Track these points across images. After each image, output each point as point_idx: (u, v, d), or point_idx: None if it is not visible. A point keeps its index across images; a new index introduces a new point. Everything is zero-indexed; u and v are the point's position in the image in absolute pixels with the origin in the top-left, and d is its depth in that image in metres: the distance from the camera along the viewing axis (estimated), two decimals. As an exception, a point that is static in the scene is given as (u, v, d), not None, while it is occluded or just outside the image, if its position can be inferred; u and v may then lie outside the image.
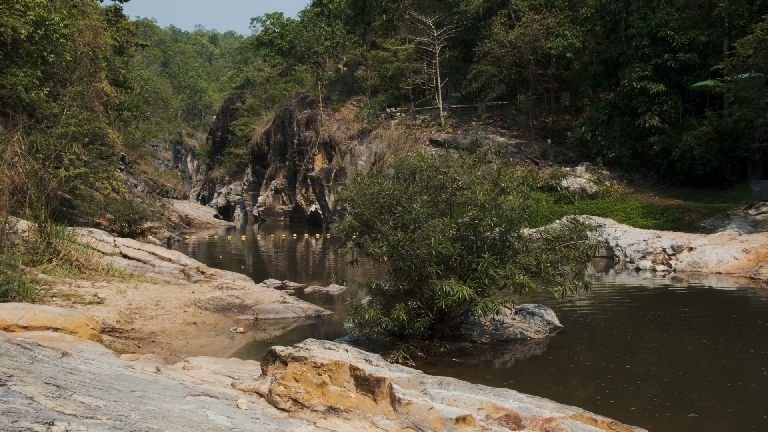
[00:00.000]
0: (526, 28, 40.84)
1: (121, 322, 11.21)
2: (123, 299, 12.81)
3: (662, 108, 35.40)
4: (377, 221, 9.56)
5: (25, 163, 15.07)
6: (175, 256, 18.67)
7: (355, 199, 10.09)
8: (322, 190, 49.62)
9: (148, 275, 16.80)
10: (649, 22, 35.40)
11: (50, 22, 26.63)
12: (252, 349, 10.79)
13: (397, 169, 10.94)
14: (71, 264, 15.59)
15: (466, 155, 11.22)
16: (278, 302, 13.65)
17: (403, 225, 9.57)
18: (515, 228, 9.83)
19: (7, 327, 7.41)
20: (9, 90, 24.03)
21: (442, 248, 9.10)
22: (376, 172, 11.38)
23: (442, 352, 10.33)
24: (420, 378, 5.84)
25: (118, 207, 26.51)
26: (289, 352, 6.18)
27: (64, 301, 12.01)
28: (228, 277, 17.26)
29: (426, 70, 47.05)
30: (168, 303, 12.93)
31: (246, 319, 13.12)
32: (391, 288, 9.73)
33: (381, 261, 9.68)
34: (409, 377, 5.86)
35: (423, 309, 10.09)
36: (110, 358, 6.48)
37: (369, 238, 9.57)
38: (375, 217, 9.58)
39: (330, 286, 17.72)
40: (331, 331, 12.68)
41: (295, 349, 6.25)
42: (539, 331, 11.60)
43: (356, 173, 11.07)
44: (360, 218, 9.81)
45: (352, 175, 11.53)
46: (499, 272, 9.28)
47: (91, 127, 25.24)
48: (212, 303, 13.12)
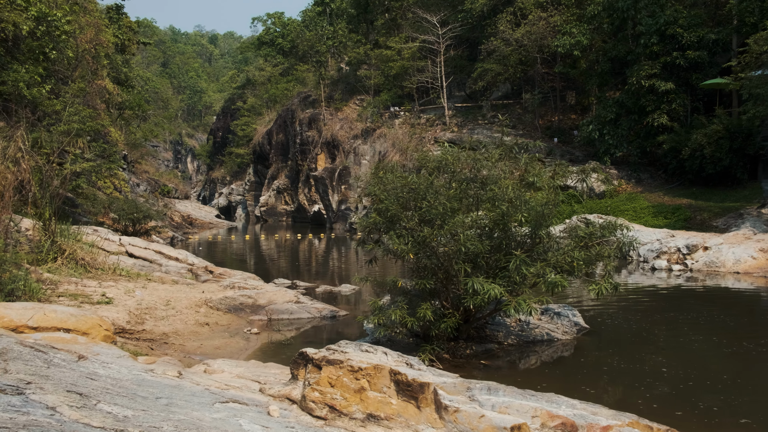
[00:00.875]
0: (532, 25, 40.43)
1: (131, 322, 10.75)
2: (132, 299, 12.35)
3: (671, 106, 34.99)
4: (402, 217, 9.11)
5: (29, 159, 14.60)
6: (182, 256, 18.21)
7: (378, 194, 9.63)
8: (326, 189, 49.16)
9: (155, 275, 16.35)
10: (658, 20, 34.99)
11: (52, 18, 26.17)
12: (269, 351, 10.34)
13: (421, 162, 10.48)
14: (77, 263, 15.13)
15: (492, 149, 10.76)
16: (292, 302, 13.19)
17: (429, 221, 9.12)
18: (546, 224, 9.39)
19: (16, 328, 6.95)
20: (10, 86, 23.56)
21: (470, 245, 8.66)
22: (397, 166, 10.89)
23: (469, 354, 9.88)
24: (466, 383, 5.39)
25: (122, 206, 26.05)
26: (322, 355, 5.73)
27: (71, 301, 11.56)
28: (237, 277, 16.79)
29: (430, 69, 46.59)
30: (178, 303, 12.47)
31: (259, 319, 12.66)
32: (416, 287, 9.28)
33: (406, 259, 9.23)
34: (455, 382, 5.41)
35: (449, 309, 9.64)
36: (128, 361, 6.03)
37: (394, 234, 9.11)
38: (400, 212, 9.12)
39: (342, 286, 17.26)
40: (348, 332, 12.22)
41: (329, 351, 5.80)
42: (566, 332, 11.16)
43: (378, 168, 10.59)
44: (384, 214, 9.36)
45: (372, 171, 11.09)
46: (531, 270, 8.83)
47: (93, 124, 24.78)
48: (224, 303, 12.66)
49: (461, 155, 10.14)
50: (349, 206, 47.62)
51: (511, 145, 11.02)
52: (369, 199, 10.35)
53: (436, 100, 49.19)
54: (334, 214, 48.63)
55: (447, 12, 47.09)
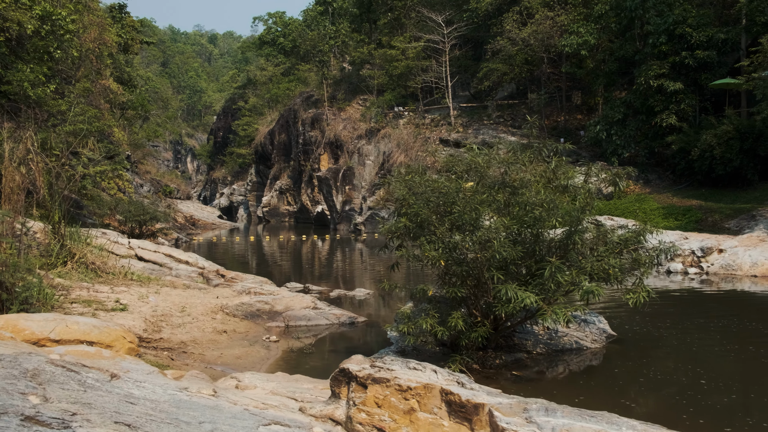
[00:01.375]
0: (539, 25, 40.13)
1: (148, 331, 10.43)
2: (146, 305, 12.03)
3: (680, 106, 34.68)
4: (433, 222, 8.79)
5: (39, 161, 14.26)
6: (192, 259, 17.88)
7: (407, 199, 9.30)
8: (330, 190, 48.83)
9: (166, 278, 16.03)
10: (667, 19, 34.69)
11: (57, 17, 25.81)
12: (292, 361, 10.02)
13: (449, 166, 10.16)
14: (87, 267, 14.80)
15: (521, 151, 10.43)
16: (309, 308, 12.87)
17: (460, 226, 8.80)
18: (581, 230, 9.07)
19: (37, 341, 6.63)
20: (15, 86, 23.21)
21: (504, 251, 8.34)
22: (422, 168, 10.55)
23: (498, 364, 9.57)
24: (523, 404, 5.07)
25: (128, 208, 25.71)
26: (368, 373, 5.41)
27: (84, 308, 11.23)
28: (249, 281, 16.46)
29: (435, 69, 46.26)
30: (194, 309, 12.15)
31: (277, 326, 12.34)
32: (446, 294, 8.95)
33: (432, 265, 8.90)
34: (510, 402, 5.09)
35: (478, 317, 9.33)
36: (159, 378, 5.70)
37: (425, 240, 8.78)
38: (430, 218, 8.80)
39: (356, 290, 16.93)
40: (369, 339, 11.91)
41: (375, 369, 5.48)
42: (595, 340, 10.84)
43: (407, 171, 10.25)
44: (414, 219, 9.03)
45: (395, 173, 10.74)
46: (565, 278, 8.51)
47: (99, 124, 24.43)
48: (241, 309, 12.34)
49: (492, 158, 9.82)
50: (353, 207, 47.29)
51: (540, 147, 10.69)
52: (394, 202, 10.00)
53: (440, 100, 48.87)
54: (338, 215, 48.31)
55: (452, 11, 46.78)
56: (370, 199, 45.30)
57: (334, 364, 9.65)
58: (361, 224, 44.59)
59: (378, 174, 45.96)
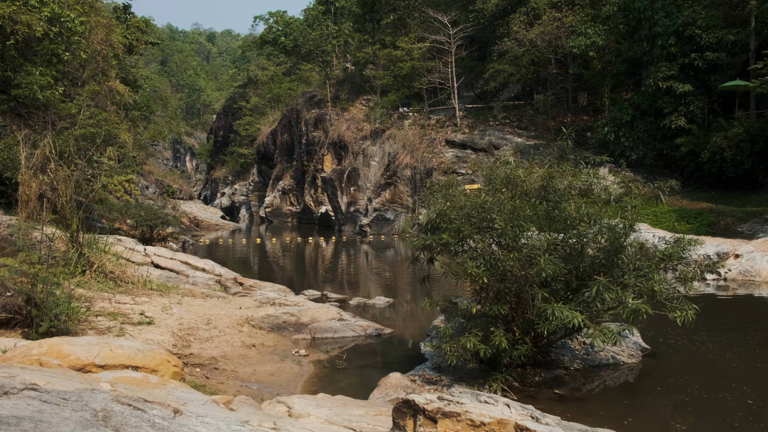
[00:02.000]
0: (546, 26, 39.95)
1: (177, 346, 10.23)
2: (171, 318, 11.82)
3: (689, 108, 34.54)
4: (476, 239, 8.60)
5: (57, 167, 14.04)
6: (209, 266, 17.67)
7: (447, 213, 9.10)
8: (335, 191, 48.59)
9: (183, 287, 15.82)
10: (676, 21, 34.53)
11: (65, 19, 25.56)
12: (326, 378, 9.82)
13: (487, 178, 9.94)
14: (106, 276, 14.59)
15: (561, 162, 10.22)
16: (335, 320, 12.68)
17: (504, 243, 8.61)
18: (625, 246, 8.89)
19: (83, 367, 6.43)
20: (25, 90, 22.96)
21: (549, 269, 8.16)
22: (455, 182, 10.36)
23: (538, 382, 9.39)
24: (602, 440, 4.89)
25: (139, 212, 25.46)
26: (437, 407, 5.22)
27: (110, 321, 11.03)
28: (268, 289, 16.27)
29: (441, 69, 46.04)
30: (219, 321, 11.95)
31: (303, 338, 12.15)
32: (488, 312, 8.75)
33: (479, 282, 8.70)
34: (589, 439, 4.91)
35: (518, 334, 9.15)
36: (217, 410, 5.51)
37: (467, 256, 8.59)
38: (473, 234, 8.61)
39: (376, 299, 16.74)
40: (398, 353, 11.73)
41: (444, 402, 5.29)
42: (631, 354, 10.67)
43: (446, 183, 10.03)
44: (456, 235, 8.84)
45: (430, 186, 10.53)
46: (611, 295, 8.34)
47: (110, 127, 24.19)
48: (267, 321, 12.14)
49: (534, 171, 9.62)
50: (358, 208, 47.08)
51: (576, 159, 10.49)
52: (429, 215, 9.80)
53: (445, 101, 48.68)
54: (342, 216, 48.09)
55: (457, 12, 46.56)
56: (375, 200, 45.09)
57: (370, 381, 9.47)
58: (366, 226, 44.38)
59: (384, 175, 45.77)
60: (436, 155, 43.28)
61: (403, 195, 43.80)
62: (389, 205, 44.14)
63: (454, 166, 42.08)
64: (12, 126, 23.12)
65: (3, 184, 21.85)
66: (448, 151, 43.50)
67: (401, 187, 43.73)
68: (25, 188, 15.65)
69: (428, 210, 10.01)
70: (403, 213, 43.86)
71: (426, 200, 10.03)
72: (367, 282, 22.02)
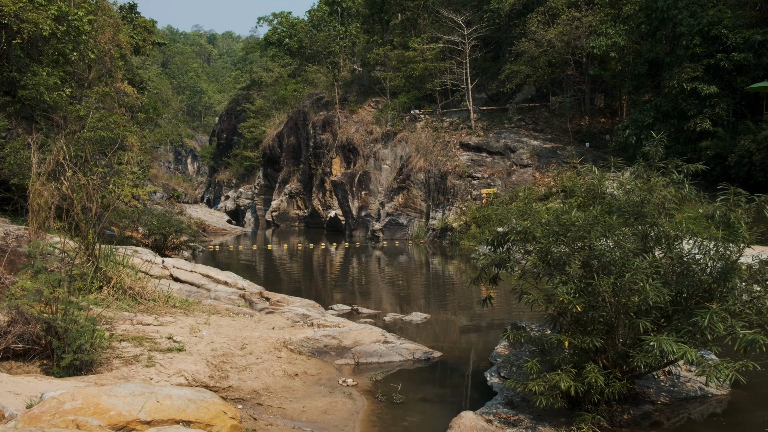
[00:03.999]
0: (565, 26, 38.88)
1: (214, 378, 9.10)
2: (201, 341, 10.69)
3: (714, 111, 33.46)
4: (568, 261, 7.47)
5: (73, 176, 12.92)
6: (231, 279, 16.55)
7: (531, 230, 7.97)
8: (345, 195, 47.44)
9: (206, 302, 14.69)
10: (701, 20, 33.48)
11: (73, 18, 24.46)
12: (385, 417, 8.68)
13: (569, 192, 8.80)
14: (125, 293, 13.46)
15: (647, 173, 9.09)
16: (380, 342, 11.54)
17: (600, 266, 7.48)
18: (737, 268, 7.78)
19: (126, 425, 5.31)
20: (32, 91, 21.86)
21: (655, 295, 7.05)
22: (526, 190, 9.25)
23: (628, 420, 8.26)
24: None
25: (151, 220, 24.30)
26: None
27: (136, 347, 9.90)
28: (296, 304, 15.14)
29: (456, 71, 44.92)
30: (255, 346, 10.81)
31: (346, 363, 11.02)
32: (581, 344, 7.61)
33: (572, 311, 7.56)
34: None
35: (609, 368, 8.02)
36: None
37: (560, 282, 7.45)
38: (566, 256, 7.49)
39: (412, 315, 15.59)
40: (459, 382, 10.58)
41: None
42: (720, 385, 9.54)
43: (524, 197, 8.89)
44: (544, 257, 7.74)
45: (491, 200, 9.43)
46: (724, 325, 7.23)
47: (120, 131, 23.09)
48: (306, 345, 11.00)
49: (632, 184, 8.48)
50: (369, 213, 45.94)
51: (669, 170, 9.37)
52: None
53: (458, 103, 47.58)
54: (353, 221, 46.94)
55: (470, 12, 45.47)
56: (388, 204, 43.95)
57: (437, 421, 8.35)
58: (379, 231, 43.24)
59: (396, 179, 44.64)
60: (451, 158, 42.17)
61: (417, 199, 42.69)
62: (402, 210, 43.01)
63: (469, 170, 40.99)
64: (18, 129, 22.01)
65: (9, 190, 20.75)
66: (463, 154, 42.40)
67: (415, 191, 42.62)
68: (35, 197, 14.56)
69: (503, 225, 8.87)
70: (416, 218, 42.75)
71: (502, 216, 8.88)
72: (395, 294, 20.86)
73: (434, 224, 40.73)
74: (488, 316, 15.52)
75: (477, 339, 13.63)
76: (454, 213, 39.89)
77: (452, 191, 40.44)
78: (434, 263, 31.51)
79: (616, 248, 7.37)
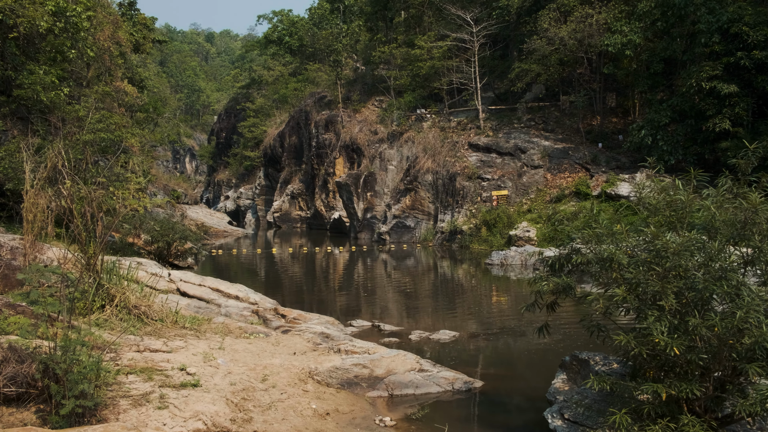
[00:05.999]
0: (578, 23, 37.71)
1: (236, 421, 7.93)
2: (217, 372, 9.52)
3: (734, 110, 32.34)
4: (665, 294, 6.30)
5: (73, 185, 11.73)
6: (242, 293, 15.37)
7: (617, 259, 6.79)
8: (350, 197, 46.23)
9: (216, 320, 13.52)
10: (720, 17, 32.36)
11: (71, 14, 23.23)
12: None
13: (650, 210, 7.57)
14: (129, 312, 12.28)
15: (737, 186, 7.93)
16: (415, 371, 10.38)
17: (697, 298, 6.34)
18: None
19: None
20: (28, 90, 20.63)
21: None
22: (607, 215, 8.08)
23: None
24: None
25: (154, 226, 23.05)
26: None
27: (145, 383, 8.73)
28: (314, 321, 13.98)
29: (464, 69, 43.72)
30: (277, 377, 9.65)
31: (379, 396, 9.86)
32: (678, 394, 6.45)
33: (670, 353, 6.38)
34: None
35: (702, 415, 6.87)
36: None
37: (652, 318, 6.29)
38: (664, 288, 6.32)
39: (440, 333, 14.40)
40: (509, 420, 9.42)
41: None
42: (809, 426, 8.40)
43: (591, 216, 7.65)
44: (635, 290, 6.59)
45: (554, 215, 8.23)
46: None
47: (121, 132, 21.87)
48: (335, 376, 9.84)
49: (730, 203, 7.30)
50: (375, 215, 44.74)
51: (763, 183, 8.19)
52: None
53: (465, 102, 46.40)
54: (359, 223, 45.75)
55: (479, 9, 44.26)
56: (395, 206, 42.77)
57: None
58: (385, 233, 42.08)
59: (403, 180, 43.46)
60: (459, 159, 41.01)
61: (425, 201, 41.52)
62: (410, 212, 41.85)
63: (478, 171, 39.85)
64: (13, 130, 20.80)
65: (3, 195, 19.55)
66: (472, 154, 41.24)
67: (422, 192, 41.45)
68: (30, 205, 13.36)
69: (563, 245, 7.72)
70: (424, 220, 41.58)
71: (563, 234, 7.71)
72: (415, 306, 19.62)
73: (443, 227, 39.57)
74: (525, 335, 14.37)
75: (519, 365, 12.46)
76: (463, 215, 38.74)
77: (461, 193, 39.29)
78: (448, 269, 30.38)
79: (722, 279, 6.22)
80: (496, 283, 24.75)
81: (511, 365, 12.44)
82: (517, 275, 26.26)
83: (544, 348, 13.01)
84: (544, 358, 12.34)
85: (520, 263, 28.65)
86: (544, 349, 12.92)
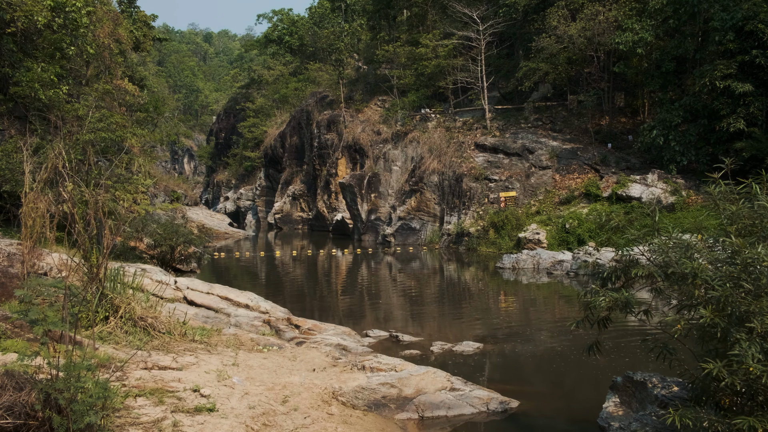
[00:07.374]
0: (588, 21, 36.94)
1: (259, 452, 7.12)
2: (233, 393, 8.72)
3: (748, 110, 31.63)
4: (759, 315, 5.52)
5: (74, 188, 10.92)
6: (252, 301, 14.56)
7: (703, 275, 5.97)
8: (354, 198, 45.38)
9: (226, 331, 12.72)
10: (734, 15, 31.62)
11: (70, 9, 22.39)
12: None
13: (732, 219, 6.72)
14: (135, 324, 11.47)
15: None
16: (446, 390, 9.58)
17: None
18: None
19: None
20: (26, 88, 19.79)
21: None
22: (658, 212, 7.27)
23: None
24: None
25: (157, 229, 22.21)
26: None
27: (156, 407, 7.92)
28: (329, 332, 13.18)
29: (471, 68, 42.92)
30: (298, 398, 8.85)
31: (409, 418, 9.06)
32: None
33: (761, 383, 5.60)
34: None
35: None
36: None
37: (744, 340, 5.50)
38: (755, 309, 5.53)
39: (464, 344, 13.59)
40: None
41: None
42: None
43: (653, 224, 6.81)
44: (723, 308, 5.80)
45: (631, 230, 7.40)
46: None
47: (122, 132, 21.05)
48: (361, 397, 9.04)
49: None
50: (379, 216, 43.92)
51: None
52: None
53: (471, 102, 45.63)
54: (363, 225, 44.91)
55: (485, 7, 43.49)
56: (400, 208, 41.96)
57: None
58: (390, 236, 41.26)
59: (408, 181, 42.66)
60: (466, 160, 40.22)
61: (430, 203, 40.71)
62: (415, 214, 41.04)
63: (485, 172, 39.07)
64: (11, 130, 19.97)
65: (0, 198, 18.71)
66: (479, 155, 40.46)
67: (428, 194, 40.64)
68: (29, 209, 12.53)
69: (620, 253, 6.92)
70: (430, 222, 40.77)
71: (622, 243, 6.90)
72: (431, 314, 18.75)
73: (449, 229, 38.77)
74: (556, 348, 13.54)
75: (556, 382, 11.56)
76: (470, 217, 37.95)
77: (468, 194, 38.49)
78: (459, 273, 29.57)
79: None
80: (510, 287, 23.95)
81: (547, 382, 11.55)
82: (530, 279, 25.47)
83: (581, 362, 12.19)
84: (584, 375, 11.53)
85: (532, 267, 27.86)
86: (582, 364, 12.10)
